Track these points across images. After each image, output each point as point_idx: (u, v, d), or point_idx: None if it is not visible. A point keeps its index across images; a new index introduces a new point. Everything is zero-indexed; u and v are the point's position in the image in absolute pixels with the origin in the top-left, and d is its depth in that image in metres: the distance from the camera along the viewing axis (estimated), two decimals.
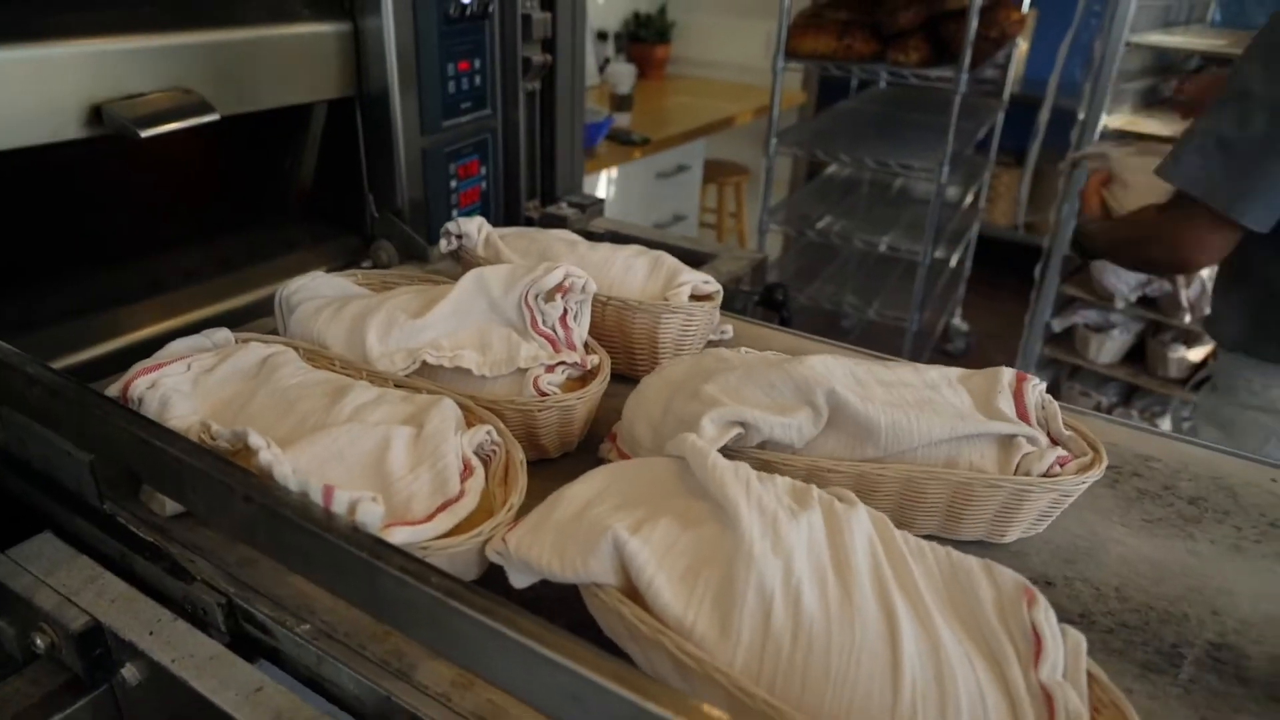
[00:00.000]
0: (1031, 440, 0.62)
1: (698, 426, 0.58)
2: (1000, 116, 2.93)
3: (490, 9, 1.31)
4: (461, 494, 0.55)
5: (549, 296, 0.72)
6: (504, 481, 0.59)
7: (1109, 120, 2.04)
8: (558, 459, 0.73)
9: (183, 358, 0.66)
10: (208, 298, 1.10)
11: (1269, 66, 1.08)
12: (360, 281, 0.87)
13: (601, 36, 3.49)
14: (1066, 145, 2.17)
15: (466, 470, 0.57)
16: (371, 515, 0.47)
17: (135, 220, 1.23)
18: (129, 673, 0.58)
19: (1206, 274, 2.06)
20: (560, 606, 0.58)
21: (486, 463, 0.60)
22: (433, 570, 0.43)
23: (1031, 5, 3.40)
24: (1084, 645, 0.46)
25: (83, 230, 1.14)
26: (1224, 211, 1.12)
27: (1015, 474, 0.62)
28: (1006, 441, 0.62)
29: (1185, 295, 2.02)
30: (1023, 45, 3.65)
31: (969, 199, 2.95)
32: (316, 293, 0.80)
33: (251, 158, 1.34)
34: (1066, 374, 2.48)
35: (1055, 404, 0.67)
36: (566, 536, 0.50)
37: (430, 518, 0.53)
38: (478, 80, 1.35)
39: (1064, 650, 0.45)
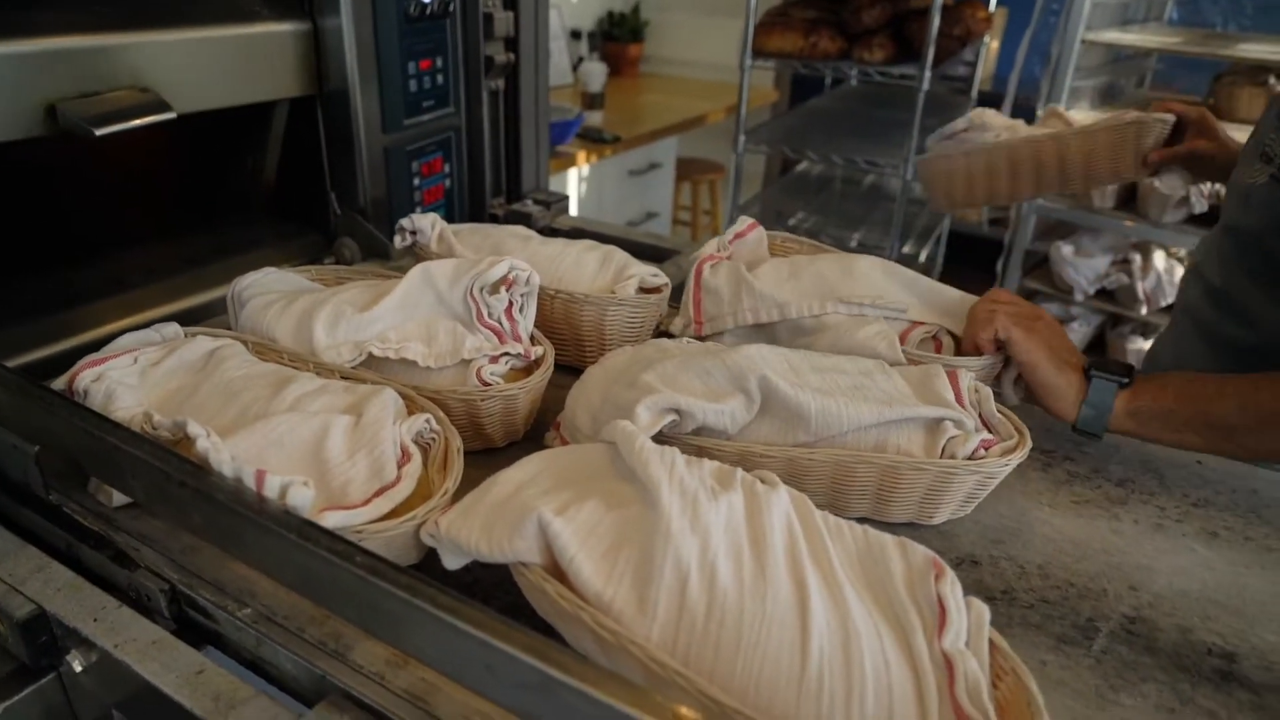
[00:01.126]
0: (958, 424, 0.64)
1: (633, 413, 0.60)
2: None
3: (451, 8, 1.32)
4: (398, 479, 0.57)
5: (494, 289, 0.74)
6: (443, 468, 0.61)
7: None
8: (504, 448, 0.75)
9: (130, 351, 0.67)
10: (169, 295, 1.10)
11: None
12: (314, 277, 0.88)
13: (575, 35, 3.50)
14: None
15: (404, 457, 0.59)
16: (302, 498, 0.49)
17: (98, 219, 1.23)
18: (74, 659, 0.59)
19: (1161, 265, 2.09)
20: (497, 590, 0.59)
21: (426, 450, 0.62)
22: (357, 549, 0.44)
23: (1000, 4, 3.44)
24: (987, 616, 0.48)
25: (45, 229, 1.15)
26: None
27: (941, 457, 0.64)
28: (934, 426, 0.64)
29: (1141, 287, 2.06)
30: (993, 44, 3.69)
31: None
32: (268, 288, 0.81)
33: (215, 156, 1.35)
34: None
35: (986, 389, 0.69)
36: (495, 518, 0.51)
37: (366, 502, 0.55)
38: (440, 79, 1.36)
39: (968, 621, 0.47)
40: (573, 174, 2.48)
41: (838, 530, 0.53)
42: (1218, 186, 2.06)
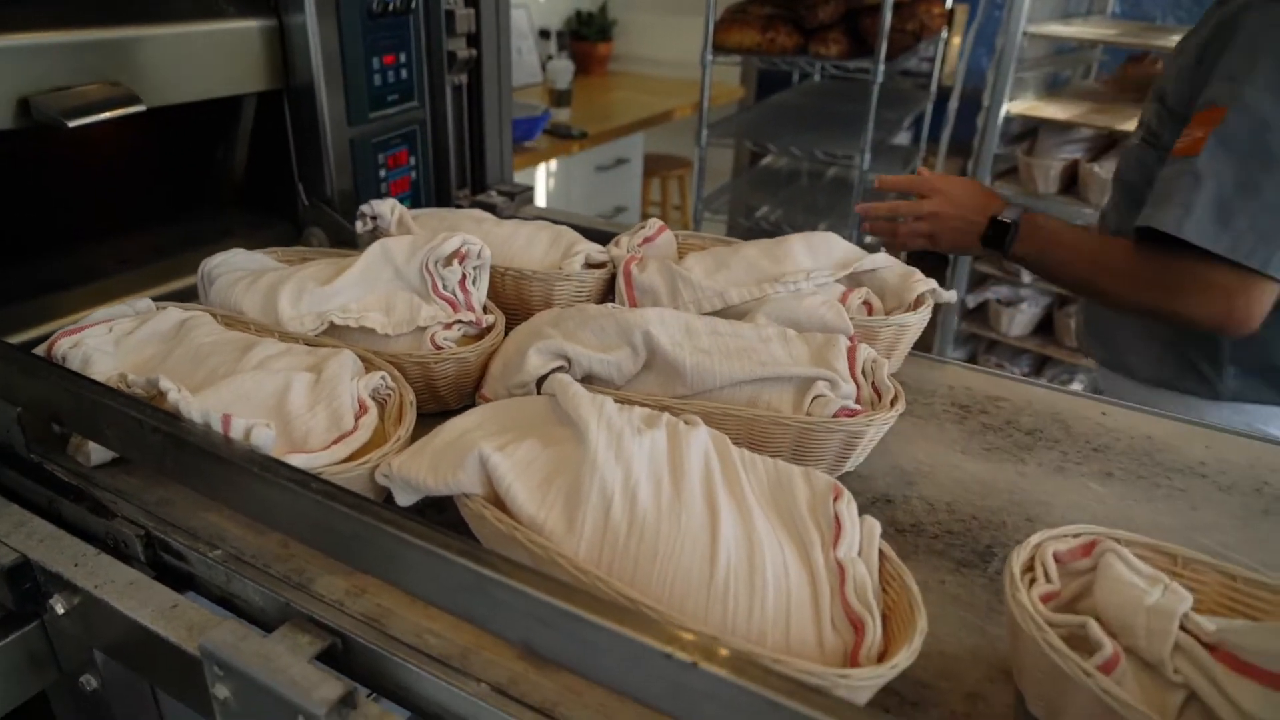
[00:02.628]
0: (832, 385, 0.69)
1: (525, 357, 0.66)
2: (929, 106, 3.05)
3: (414, 5, 1.37)
4: (355, 429, 0.62)
5: (447, 262, 0.79)
6: (398, 420, 0.66)
7: (1011, 106, 2.15)
8: (458, 411, 0.80)
9: (105, 322, 0.72)
10: (141, 283, 1.14)
11: (1255, 64, 0.92)
12: (280, 258, 0.93)
13: (544, 35, 3.55)
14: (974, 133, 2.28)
15: (361, 410, 0.64)
16: (264, 438, 0.54)
17: (72, 210, 1.27)
18: (57, 603, 0.64)
19: None
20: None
21: (383, 405, 0.67)
22: (314, 478, 0.50)
23: (958, 0, 3.52)
24: (878, 530, 0.54)
25: (19, 220, 1.19)
26: (1264, 271, 0.92)
27: (807, 414, 0.69)
28: (805, 386, 0.70)
29: None
30: (954, 39, 3.78)
31: None
32: (236, 267, 0.86)
33: (185, 150, 1.39)
34: (984, 348, 2.60)
35: (881, 359, 0.75)
36: (441, 457, 0.57)
37: (325, 449, 0.60)
38: (403, 73, 1.40)
39: (860, 535, 0.53)
40: (541, 169, 2.53)
41: (751, 463, 0.59)
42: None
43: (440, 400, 0.77)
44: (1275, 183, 0.92)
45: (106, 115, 0.98)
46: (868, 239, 2.01)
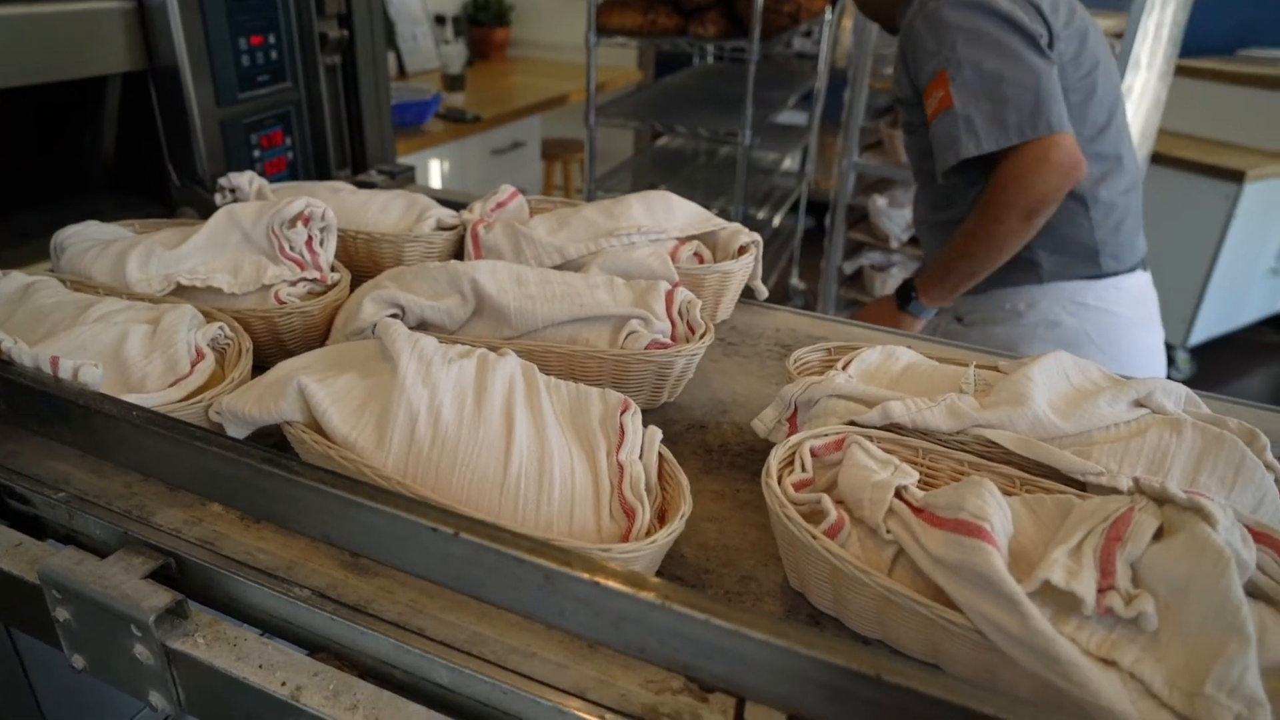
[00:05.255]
0: (645, 323, 0.77)
1: (360, 306, 0.72)
2: (816, 85, 3.17)
3: None
4: (191, 373, 0.67)
5: (291, 224, 0.84)
6: (236, 366, 0.71)
7: (873, 82, 2.28)
8: None
9: None
10: (3, 267, 1.15)
11: (942, 39, 1.21)
12: (137, 230, 0.96)
13: (439, 20, 3.56)
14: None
15: (199, 357, 0.69)
16: (91, 376, 0.58)
17: None
18: None
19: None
20: None
21: (222, 354, 0.72)
22: (134, 407, 0.54)
23: None
24: (659, 436, 0.61)
25: None
26: (1049, 133, 1.16)
27: (622, 349, 0.76)
28: (621, 324, 0.77)
29: None
30: (847, 21, 3.92)
31: (788, 163, 3.18)
32: (88, 237, 0.88)
33: (51, 134, 1.39)
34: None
35: (696, 300, 0.82)
36: (266, 391, 0.62)
37: (160, 391, 0.64)
38: (273, 54, 1.42)
39: (642, 441, 0.60)
40: (434, 153, 2.56)
41: (555, 386, 0.65)
42: None
43: (289, 354, 0.82)
44: (1008, 83, 1.18)
45: None
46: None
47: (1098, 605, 0.44)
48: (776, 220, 2.92)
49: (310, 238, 0.85)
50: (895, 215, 2.34)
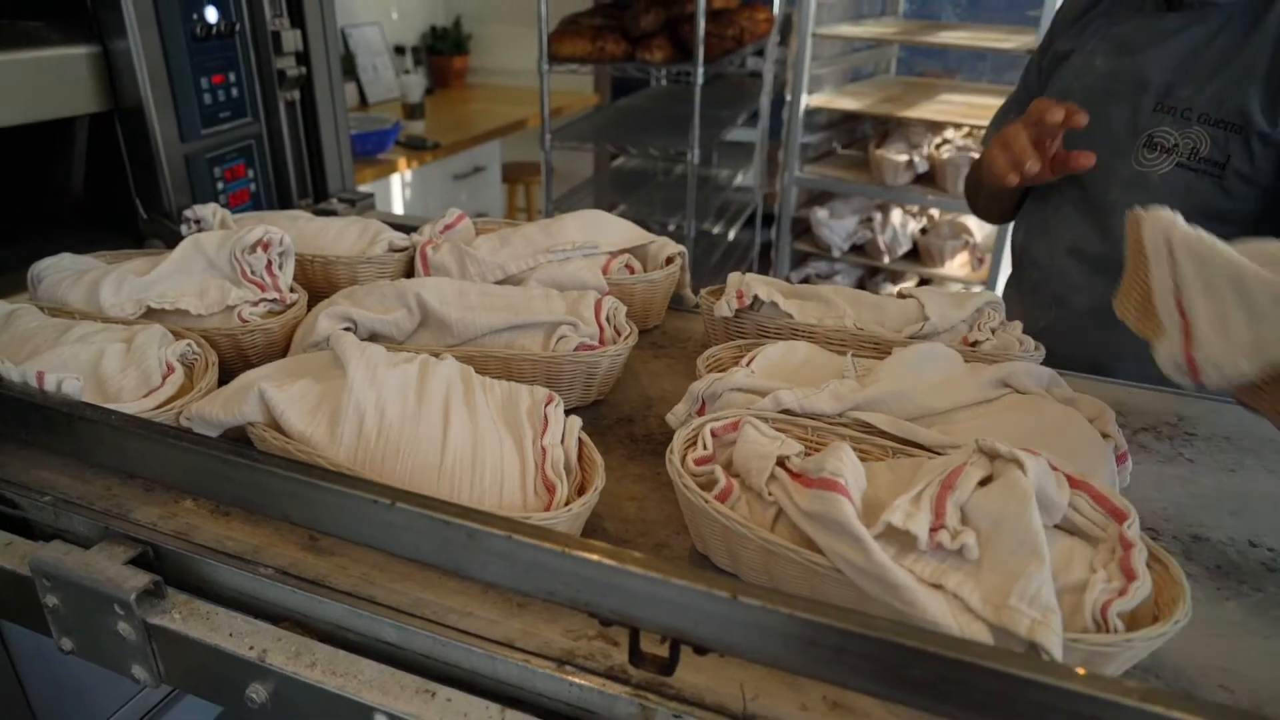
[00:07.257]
0: (574, 328, 0.85)
1: (316, 320, 0.80)
2: (763, 104, 3.29)
3: (238, 27, 1.47)
4: (162, 385, 0.74)
5: (252, 250, 0.92)
6: (203, 378, 0.78)
7: (810, 99, 2.39)
8: None
9: None
10: None
11: None
12: (107, 260, 1.03)
13: (399, 51, 3.65)
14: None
15: (169, 370, 0.76)
16: (73, 387, 0.66)
17: None
18: None
19: (897, 220, 2.44)
20: None
21: (190, 368, 0.80)
22: (112, 412, 0.62)
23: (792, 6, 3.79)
24: (579, 424, 0.70)
25: None
26: None
27: (553, 351, 0.85)
28: (552, 329, 0.86)
29: (881, 240, 2.41)
30: (794, 41, 4.06)
31: (740, 179, 3.30)
32: (63, 268, 0.96)
33: (21, 173, 1.46)
34: None
35: (622, 306, 0.91)
36: (231, 397, 0.70)
37: (135, 401, 0.72)
38: (234, 92, 1.50)
39: (564, 428, 0.69)
40: (395, 179, 2.64)
41: (489, 385, 0.74)
42: (936, 149, 2.42)
43: (252, 368, 0.90)
44: None
45: None
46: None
47: (930, 541, 0.54)
48: (731, 234, 3.03)
49: (270, 262, 0.93)
50: (835, 226, 2.46)
